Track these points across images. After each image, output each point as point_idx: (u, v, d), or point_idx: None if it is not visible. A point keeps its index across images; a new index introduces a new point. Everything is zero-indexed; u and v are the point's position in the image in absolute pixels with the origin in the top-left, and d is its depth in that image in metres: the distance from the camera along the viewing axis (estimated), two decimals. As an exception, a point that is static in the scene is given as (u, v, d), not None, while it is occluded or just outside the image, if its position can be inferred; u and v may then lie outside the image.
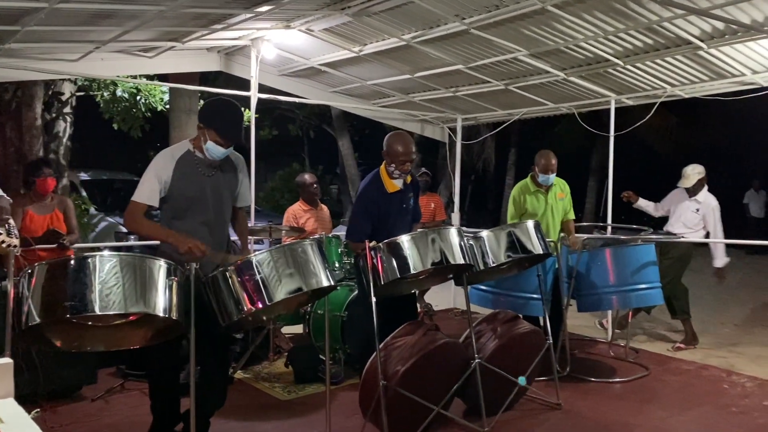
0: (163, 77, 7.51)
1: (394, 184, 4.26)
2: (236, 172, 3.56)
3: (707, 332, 7.11)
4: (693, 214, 6.10)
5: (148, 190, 3.26)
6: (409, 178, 4.35)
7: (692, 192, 6.13)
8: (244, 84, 6.43)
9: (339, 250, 5.43)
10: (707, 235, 6.09)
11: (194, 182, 3.34)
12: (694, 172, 6.11)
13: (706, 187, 6.15)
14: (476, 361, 3.83)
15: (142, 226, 3.30)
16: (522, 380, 4.08)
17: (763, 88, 5.53)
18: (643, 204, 6.53)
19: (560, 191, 5.46)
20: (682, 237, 6.06)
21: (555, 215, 5.40)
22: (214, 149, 3.31)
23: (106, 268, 2.60)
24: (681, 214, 6.17)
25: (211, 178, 3.40)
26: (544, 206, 5.34)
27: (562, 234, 5.40)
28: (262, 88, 6.48)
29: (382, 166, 4.29)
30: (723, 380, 5.00)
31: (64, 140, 8.99)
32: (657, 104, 6.23)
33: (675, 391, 4.74)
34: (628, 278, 5.06)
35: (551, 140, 16.11)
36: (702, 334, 6.99)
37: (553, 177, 5.28)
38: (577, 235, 5.52)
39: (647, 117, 6.48)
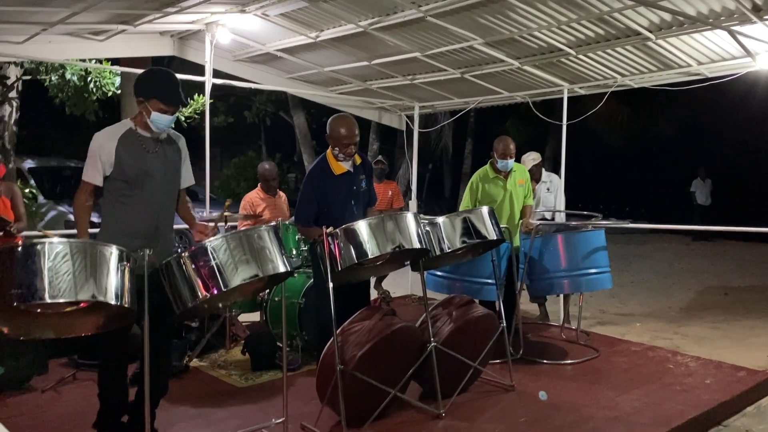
0: (115, 61, 7.32)
1: (341, 166, 4.20)
2: (178, 149, 3.50)
3: (655, 315, 7.38)
4: (548, 194, 6.42)
5: (93, 169, 3.25)
6: (359, 160, 4.28)
7: (532, 176, 6.21)
8: (198, 69, 6.32)
9: (296, 237, 5.42)
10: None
11: (140, 160, 3.27)
12: (528, 159, 6.40)
13: (543, 169, 6.52)
14: (432, 344, 3.90)
15: (77, 208, 3.31)
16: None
17: (707, 79, 5.73)
18: None
19: (520, 177, 5.53)
20: (630, 223, 6.26)
21: (515, 202, 5.46)
22: (159, 119, 3.24)
23: (55, 255, 2.54)
24: (539, 200, 6.41)
25: (157, 155, 3.34)
26: (503, 193, 5.39)
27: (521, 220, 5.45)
28: (217, 74, 6.40)
29: (329, 149, 4.23)
30: (668, 360, 5.19)
31: (10, 125, 8.68)
32: (608, 93, 6.40)
33: (623, 372, 4.90)
34: (579, 263, 5.19)
35: (507, 129, 16.32)
36: (649, 316, 7.26)
37: (512, 162, 5.35)
38: (531, 221, 5.62)
39: (598, 106, 6.65)
